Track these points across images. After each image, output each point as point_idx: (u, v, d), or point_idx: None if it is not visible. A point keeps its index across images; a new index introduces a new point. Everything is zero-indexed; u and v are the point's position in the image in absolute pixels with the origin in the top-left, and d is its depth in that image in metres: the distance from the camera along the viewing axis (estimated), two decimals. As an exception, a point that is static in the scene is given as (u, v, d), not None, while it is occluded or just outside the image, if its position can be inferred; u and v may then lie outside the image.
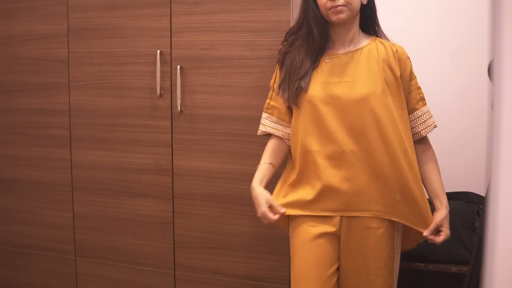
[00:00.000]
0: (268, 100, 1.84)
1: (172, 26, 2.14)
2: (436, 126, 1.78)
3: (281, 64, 1.77)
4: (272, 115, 1.83)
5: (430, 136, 2.38)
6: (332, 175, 1.67)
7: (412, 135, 1.74)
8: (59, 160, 2.40)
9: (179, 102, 2.14)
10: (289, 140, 1.81)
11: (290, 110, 1.80)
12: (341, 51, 1.72)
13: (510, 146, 0.62)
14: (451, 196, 2.20)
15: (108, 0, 2.23)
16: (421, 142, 1.78)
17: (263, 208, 1.70)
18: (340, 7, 1.62)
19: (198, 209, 2.18)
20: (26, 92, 2.43)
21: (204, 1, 2.09)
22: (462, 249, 2.05)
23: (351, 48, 1.71)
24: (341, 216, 1.69)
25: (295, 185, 1.75)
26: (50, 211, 2.44)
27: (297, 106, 1.72)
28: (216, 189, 2.15)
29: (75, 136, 2.35)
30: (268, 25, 2.00)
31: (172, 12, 2.14)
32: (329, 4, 1.62)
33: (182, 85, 2.14)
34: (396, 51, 1.71)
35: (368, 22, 1.76)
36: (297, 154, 1.74)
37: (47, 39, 2.36)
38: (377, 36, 1.77)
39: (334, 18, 1.64)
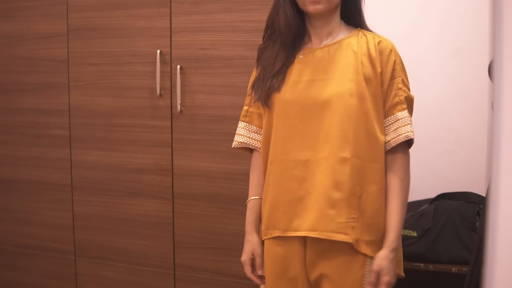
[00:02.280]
0: (245, 107, 1.64)
1: (172, 26, 2.14)
2: (410, 138, 1.48)
3: (258, 61, 1.59)
4: (251, 124, 1.62)
5: (430, 136, 2.38)
6: (295, 189, 1.48)
7: (384, 144, 1.49)
8: (59, 160, 2.39)
9: (179, 102, 2.14)
10: None
11: None
12: (317, 45, 1.53)
13: (510, 146, 0.62)
14: (451, 196, 2.20)
15: (108, 0, 2.23)
16: (392, 154, 1.49)
17: (244, 257, 1.59)
18: None
19: (198, 209, 2.18)
20: (26, 92, 2.43)
21: (204, 1, 2.09)
22: (462, 249, 2.04)
23: (328, 41, 1.52)
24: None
25: (270, 201, 1.55)
26: (50, 211, 2.44)
27: (268, 107, 1.52)
28: (216, 189, 2.15)
29: (75, 136, 2.35)
30: (268, 25, 1.99)
31: (172, 12, 2.13)
32: None
33: (182, 85, 2.14)
34: (379, 42, 1.49)
35: (351, 13, 1.56)
36: (268, 164, 1.55)
37: (47, 39, 2.36)
38: (362, 28, 1.56)
39: (311, 8, 1.45)
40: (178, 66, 2.13)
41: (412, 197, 2.35)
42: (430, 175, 2.38)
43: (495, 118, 0.62)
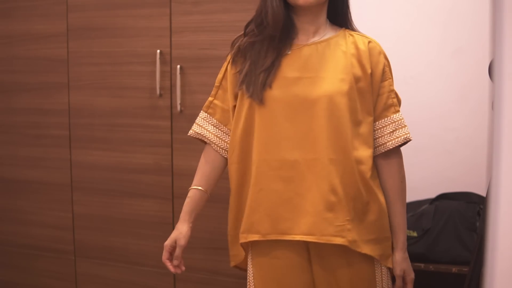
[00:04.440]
0: (210, 98, 1.59)
1: (172, 26, 2.14)
2: (410, 140, 1.50)
3: (244, 55, 1.50)
4: (213, 116, 1.57)
5: (430, 136, 2.37)
6: (281, 190, 1.43)
7: (376, 147, 1.48)
8: (59, 160, 2.39)
9: (179, 102, 2.14)
10: (227, 152, 1.56)
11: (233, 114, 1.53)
12: (304, 42, 1.48)
13: (510, 146, 0.62)
14: (451, 196, 2.20)
15: (107, 0, 2.23)
16: (386, 157, 1.49)
17: (167, 242, 1.57)
18: None
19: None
20: (26, 92, 2.43)
21: (204, 1, 2.08)
22: (462, 249, 2.04)
23: (316, 39, 1.48)
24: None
25: (249, 204, 1.49)
26: (50, 211, 2.44)
27: (263, 103, 1.44)
28: (216, 189, 2.14)
29: (75, 136, 2.35)
30: (268, 25, 1.99)
31: (172, 12, 2.13)
32: None
33: (182, 85, 2.14)
34: (369, 43, 1.47)
35: (339, 12, 1.52)
36: (251, 164, 1.48)
37: (47, 39, 2.36)
38: (347, 28, 1.53)
39: (301, 1, 1.41)
40: (178, 66, 2.13)
41: (412, 197, 2.36)
42: (430, 175, 2.38)
43: (495, 118, 0.62)
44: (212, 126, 1.58)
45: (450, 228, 2.08)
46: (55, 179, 2.41)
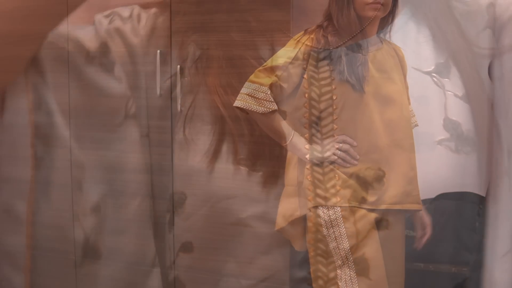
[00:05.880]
0: (275, 78, 1.74)
1: (172, 26, 2.14)
2: (417, 125, 1.89)
3: (330, 50, 1.74)
4: (271, 94, 1.75)
5: (430, 136, 2.38)
6: (371, 172, 1.72)
7: None
8: (59, 160, 2.39)
9: (179, 102, 2.14)
10: None
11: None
12: (373, 47, 1.75)
13: (511, 146, 0.63)
14: (451, 196, 2.20)
15: (108, 0, 2.23)
16: None
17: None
18: (379, 5, 1.66)
19: (198, 209, 2.17)
20: (26, 92, 2.42)
21: (204, 1, 2.09)
22: (462, 249, 2.05)
23: (377, 45, 1.76)
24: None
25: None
26: (50, 211, 2.44)
27: (365, 92, 1.70)
28: (216, 189, 2.15)
29: (75, 136, 2.35)
30: (268, 25, 1.99)
31: (172, 12, 2.13)
32: None
33: (182, 85, 2.14)
34: (400, 49, 1.83)
35: (386, 23, 1.80)
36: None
37: (47, 39, 2.35)
38: (381, 35, 1.81)
39: (371, 13, 1.67)
40: (178, 66, 2.13)
41: (412, 197, 2.35)
42: (430, 175, 2.38)
43: (495, 118, 0.62)
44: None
45: (449, 228, 2.08)
46: (55, 179, 2.41)
